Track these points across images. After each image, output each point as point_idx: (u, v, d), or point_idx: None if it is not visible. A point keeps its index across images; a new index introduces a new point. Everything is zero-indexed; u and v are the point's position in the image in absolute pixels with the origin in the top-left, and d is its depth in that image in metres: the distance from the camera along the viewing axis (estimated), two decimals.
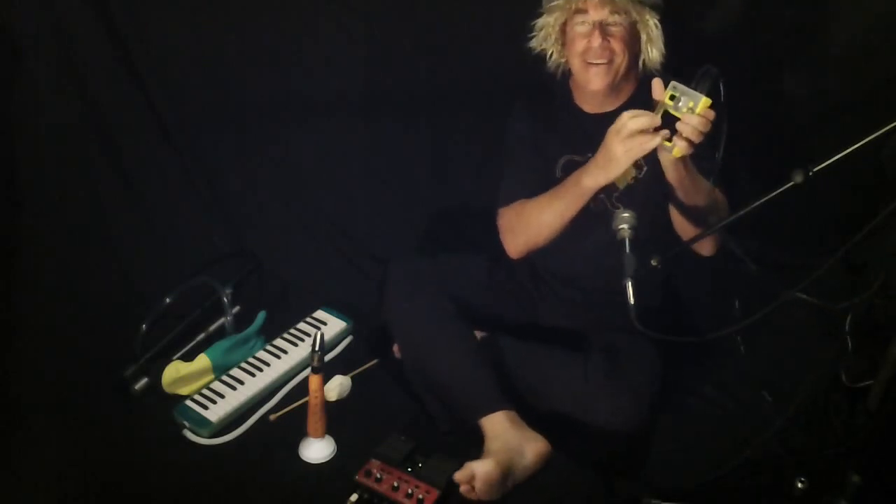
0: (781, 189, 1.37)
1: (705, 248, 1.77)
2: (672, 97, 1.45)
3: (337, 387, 1.83)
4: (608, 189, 1.76)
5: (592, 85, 1.72)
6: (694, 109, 1.43)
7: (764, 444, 1.62)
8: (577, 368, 1.72)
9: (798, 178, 1.35)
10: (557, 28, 1.74)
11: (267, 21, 2.17)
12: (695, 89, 1.43)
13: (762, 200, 1.41)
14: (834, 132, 2.11)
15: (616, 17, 1.66)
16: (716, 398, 1.92)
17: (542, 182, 1.79)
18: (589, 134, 1.74)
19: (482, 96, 2.23)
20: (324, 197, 2.40)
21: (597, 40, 1.67)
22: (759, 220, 1.82)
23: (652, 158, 1.69)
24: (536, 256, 1.94)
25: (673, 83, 1.45)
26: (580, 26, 1.69)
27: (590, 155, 1.72)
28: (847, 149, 1.33)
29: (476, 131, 2.30)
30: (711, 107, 1.44)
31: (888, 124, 1.31)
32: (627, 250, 1.47)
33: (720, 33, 2.10)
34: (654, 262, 1.48)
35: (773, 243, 2.29)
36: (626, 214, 1.51)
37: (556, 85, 1.83)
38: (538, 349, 1.82)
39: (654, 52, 1.70)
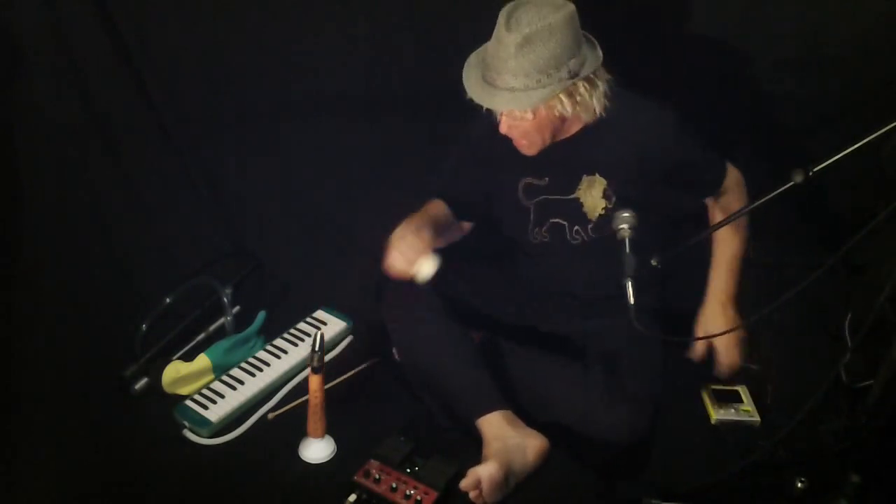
0: (781, 189, 1.38)
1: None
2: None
3: (428, 264, 1.68)
4: (582, 221, 1.76)
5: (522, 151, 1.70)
6: None
7: (765, 451, 1.62)
8: (577, 379, 1.72)
9: (798, 178, 1.35)
10: None
11: (267, 21, 2.17)
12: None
13: (762, 200, 1.41)
14: (834, 132, 2.11)
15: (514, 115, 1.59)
16: None
17: (457, 192, 1.88)
18: (548, 158, 1.72)
19: None
20: (324, 197, 2.40)
21: (504, 127, 1.63)
22: (759, 219, 1.84)
23: (619, 189, 1.70)
24: (529, 272, 1.93)
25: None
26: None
27: (547, 179, 1.72)
28: (847, 149, 1.33)
29: None
30: None
31: (888, 124, 1.31)
32: (627, 250, 1.47)
33: (720, 33, 2.10)
34: (653, 262, 1.48)
35: (773, 243, 2.29)
36: (626, 214, 1.51)
37: None
38: (537, 356, 1.82)
39: (581, 114, 1.62)
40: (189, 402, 1.81)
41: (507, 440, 1.60)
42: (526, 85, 1.50)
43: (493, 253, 2.04)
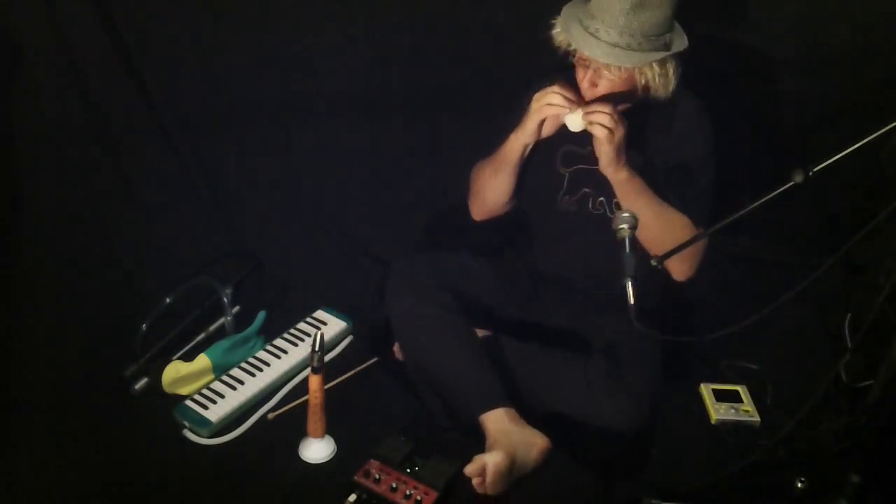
0: (781, 189, 1.38)
1: (676, 269, 1.77)
2: None
3: (579, 114, 1.66)
4: (607, 194, 1.76)
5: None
6: None
7: (765, 451, 1.63)
8: (578, 371, 1.72)
9: (798, 178, 1.35)
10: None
11: (267, 21, 2.17)
12: None
13: (762, 200, 1.41)
14: (834, 132, 2.11)
15: (608, 67, 1.62)
16: None
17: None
18: None
19: (482, 96, 2.23)
20: (324, 197, 2.40)
21: (586, 82, 1.67)
22: (759, 220, 1.84)
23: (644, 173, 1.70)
24: (535, 259, 1.94)
25: None
26: (581, 59, 1.67)
27: (589, 147, 1.72)
28: (847, 149, 1.33)
29: (476, 131, 2.30)
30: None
31: (888, 124, 1.31)
32: (627, 250, 1.47)
33: (721, 33, 2.10)
34: (653, 262, 1.48)
35: (773, 243, 2.30)
36: (626, 214, 1.51)
37: (569, 74, 1.78)
38: (539, 351, 1.82)
39: (659, 89, 1.68)
40: (189, 402, 1.81)
41: (510, 434, 1.61)
42: (629, 44, 1.58)
43: (496, 251, 2.04)
